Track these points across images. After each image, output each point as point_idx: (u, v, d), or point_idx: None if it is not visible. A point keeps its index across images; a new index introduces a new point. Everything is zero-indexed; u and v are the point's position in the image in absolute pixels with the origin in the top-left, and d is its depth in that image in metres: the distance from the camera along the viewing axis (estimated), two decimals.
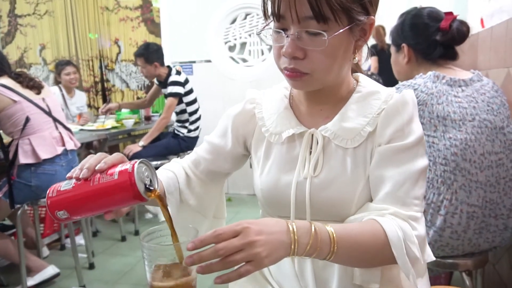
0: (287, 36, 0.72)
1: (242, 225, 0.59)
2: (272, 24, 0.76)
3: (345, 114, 0.80)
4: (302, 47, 0.72)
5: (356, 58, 0.79)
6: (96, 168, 0.62)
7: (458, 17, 1.42)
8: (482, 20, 2.46)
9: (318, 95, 0.82)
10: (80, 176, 0.62)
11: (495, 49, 2.07)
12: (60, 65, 3.83)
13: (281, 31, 0.73)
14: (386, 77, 1.64)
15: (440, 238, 1.35)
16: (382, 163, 0.76)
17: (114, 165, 0.63)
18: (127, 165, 0.62)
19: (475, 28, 2.50)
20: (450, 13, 1.41)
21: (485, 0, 2.48)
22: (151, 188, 0.64)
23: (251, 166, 0.94)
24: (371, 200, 0.79)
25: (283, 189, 0.83)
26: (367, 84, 0.84)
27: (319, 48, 0.71)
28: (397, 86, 1.36)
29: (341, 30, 0.71)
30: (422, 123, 1.34)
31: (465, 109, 1.32)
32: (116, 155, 0.66)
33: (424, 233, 0.73)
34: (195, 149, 0.97)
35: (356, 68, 0.89)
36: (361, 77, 0.86)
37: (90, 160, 0.64)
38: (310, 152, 0.82)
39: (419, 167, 0.75)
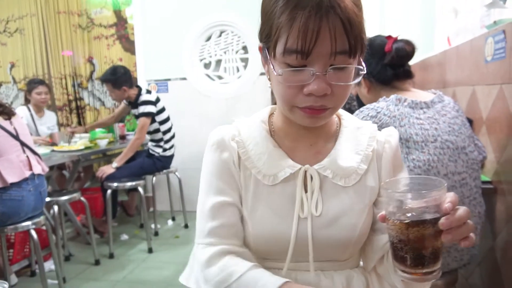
0: (313, 74, 0.67)
1: None
2: (280, 61, 0.69)
3: (340, 151, 0.79)
4: (329, 83, 0.68)
5: None
6: None
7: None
8: (448, 39, 2.53)
9: (312, 129, 0.79)
10: None
11: (461, 67, 2.12)
12: (33, 83, 3.78)
13: (312, 69, 0.67)
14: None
15: None
16: None
17: None
18: None
19: (442, 46, 2.57)
20: (390, 36, 1.49)
21: (451, 18, 2.56)
22: None
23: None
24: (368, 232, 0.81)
25: (282, 232, 0.77)
26: (348, 118, 0.85)
27: (346, 82, 0.69)
28: (361, 109, 1.37)
29: (362, 63, 0.71)
30: None
31: (427, 130, 1.34)
32: None
33: None
34: (213, 231, 0.78)
35: None
36: (340, 110, 0.85)
37: None
38: (306, 191, 0.78)
39: None
